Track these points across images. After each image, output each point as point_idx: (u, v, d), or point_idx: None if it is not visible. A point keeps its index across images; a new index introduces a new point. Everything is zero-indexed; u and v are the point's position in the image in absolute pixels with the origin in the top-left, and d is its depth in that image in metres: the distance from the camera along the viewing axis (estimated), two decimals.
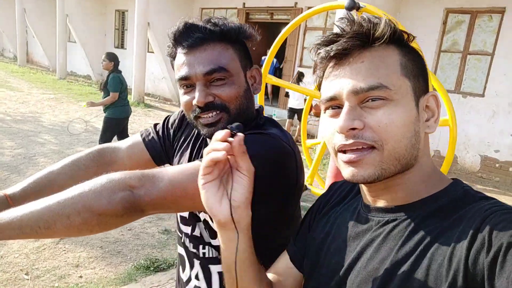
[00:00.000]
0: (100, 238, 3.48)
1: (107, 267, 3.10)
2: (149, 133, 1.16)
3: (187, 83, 0.92)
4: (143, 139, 1.15)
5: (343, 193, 0.77)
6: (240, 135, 0.61)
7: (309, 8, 2.36)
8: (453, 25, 7.27)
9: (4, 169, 4.89)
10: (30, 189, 0.96)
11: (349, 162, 0.60)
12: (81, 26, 14.57)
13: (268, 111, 9.46)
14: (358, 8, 1.89)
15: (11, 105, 9.09)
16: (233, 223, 0.64)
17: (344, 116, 0.58)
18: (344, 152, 0.60)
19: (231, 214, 0.63)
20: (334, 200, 0.78)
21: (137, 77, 10.93)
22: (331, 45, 0.61)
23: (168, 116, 1.19)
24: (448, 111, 2.10)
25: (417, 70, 0.61)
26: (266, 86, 7.58)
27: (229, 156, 0.62)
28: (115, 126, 5.25)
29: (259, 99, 2.35)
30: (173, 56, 0.96)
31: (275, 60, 9.63)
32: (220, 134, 0.62)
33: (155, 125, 1.19)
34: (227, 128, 0.62)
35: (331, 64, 0.63)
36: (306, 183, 2.31)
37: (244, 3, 10.33)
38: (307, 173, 2.63)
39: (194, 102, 0.90)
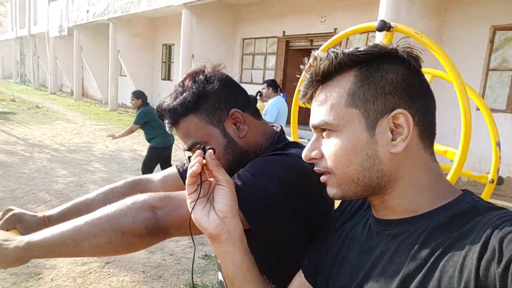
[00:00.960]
0: (142, 263, 3.57)
1: None
2: (184, 164, 1.22)
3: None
4: (178, 169, 1.20)
5: (354, 207, 0.78)
6: (210, 150, 0.70)
7: None
8: (501, 43, 6.98)
9: (57, 196, 5.19)
10: (67, 212, 1.03)
11: (324, 182, 0.68)
12: (131, 61, 15.50)
13: (308, 135, 9.42)
14: (389, 28, 1.88)
15: (66, 136, 9.71)
16: (224, 234, 0.69)
17: (306, 147, 0.68)
18: None
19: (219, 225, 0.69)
20: (346, 214, 0.79)
21: None
22: (301, 87, 0.69)
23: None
24: (489, 128, 2.01)
25: (374, 92, 0.61)
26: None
27: (210, 179, 0.71)
28: (159, 155, 5.49)
29: (292, 125, 2.36)
30: None
31: None
32: (195, 154, 0.71)
33: (189, 157, 1.25)
34: (199, 149, 0.72)
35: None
36: None
37: (284, 32, 10.54)
38: None
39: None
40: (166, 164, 5.53)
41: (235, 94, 0.99)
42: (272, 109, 5.17)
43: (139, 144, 9.07)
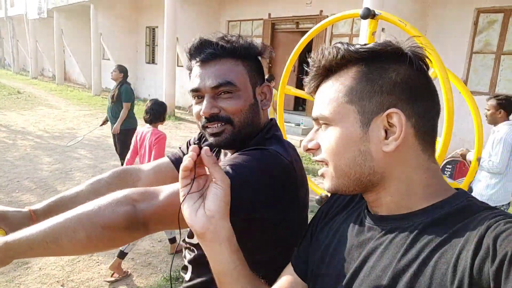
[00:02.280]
0: (132, 250, 3.58)
1: (138, 278, 3.18)
2: (175, 153, 1.23)
3: (197, 94, 0.98)
4: (169, 158, 1.21)
5: (344, 201, 0.79)
6: (206, 147, 0.68)
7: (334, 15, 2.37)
8: (485, 25, 7.04)
9: (42, 184, 5.13)
10: (53, 205, 1.01)
11: (321, 175, 0.70)
12: (114, 44, 15.17)
13: (295, 119, 9.44)
14: (373, 16, 1.87)
15: (50, 122, 9.53)
16: (209, 233, 0.67)
17: (306, 137, 0.71)
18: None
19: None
20: (335, 208, 0.80)
21: (168, 91, 11.21)
22: (306, 79, 0.71)
23: (192, 136, 1.26)
24: (472, 111, 2.06)
25: (370, 90, 0.62)
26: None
27: (208, 172, 0.69)
28: (131, 137, 5.24)
29: (278, 111, 2.36)
30: (190, 69, 1.03)
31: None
32: (190, 149, 0.68)
33: (180, 147, 1.26)
34: (196, 145, 0.70)
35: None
36: (327, 193, 2.29)
37: (269, 14, 10.43)
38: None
39: (201, 112, 0.96)
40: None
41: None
42: None
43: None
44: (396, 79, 0.62)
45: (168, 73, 11.20)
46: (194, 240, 1.09)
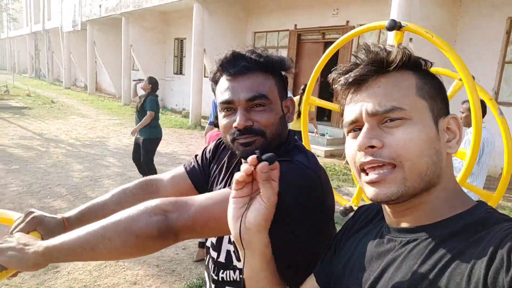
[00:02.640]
0: (156, 257, 3.64)
1: (162, 285, 3.22)
2: (191, 163, 1.25)
3: (229, 106, 0.98)
4: (185, 168, 1.23)
5: (369, 216, 0.79)
6: (263, 163, 0.65)
7: (360, 25, 2.37)
8: None
9: (73, 191, 5.29)
10: (84, 213, 1.07)
11: (371, 183, 0.62)
12: (143, 55, 15.59)
13: (321, 129, 9.40)
14: (399, 27, 1.87)
15: (81, 131, 9.86)
16: (244, 242, 0.69)
17: (362, 135, 0.62)
18: (366, 173, 0.63)
19: (240, 234, 0.69)
20: (360, 222, 0.80)
21: (194, 101, 11.41)
22: (349, 73, 0.66)
23: (207, 146, 1.28)
24: (497, 119, 2.00)
25: (434, 92, 0.64)
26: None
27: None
28: (156, 146, 5.46)
29: (303, 121, 2.37)
30: (215, 81, 1.04)
31: None
32: (249, 159, 0.67)
33: (196, 155, 1.28)
34: (256, 156, 0.66)
35: (351, 91, 0.67)
36: (352, 204, 2.27)
37: (295, 25, 10.48)
38: (353, 194, 2.59)
39: (235, 124, 0.96)
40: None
41: None
42: None
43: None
44: (442, 89, 0.66)
45: (195, 83, 11.41)
46: (213, 253, 1.11)
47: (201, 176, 1.21)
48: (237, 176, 0.67)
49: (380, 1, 7.87)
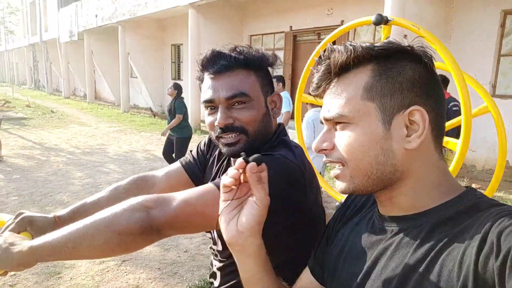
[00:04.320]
0: (158, 260, 3.65)
1: (164, 287, 3.24)
2: (187, 157, 1.26)
3: (211, 105, 1.00)
4: (181, 163, 1.25)
5: (359, 204, 0.79)
6: (251, 163, 0.65)
7: None
8: None
9: (74, 198, 5.31)
10: (76, 211, 1.08)
11: (335, 176, 0.68)
12: (141, 62, 15.64)
13: None
14: (386, 22, 1.89)
15: (81, 139, 9.89)
16: (237, 246, 0.69)
17: (317, 139, 0.68)
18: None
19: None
20: (350, 211, 0.80)
21: (193, 106, 11.42)
22: (315, 79, 0.69)
23: (201, 140, 1.29)
24: (484, 98, 2.01)
25: (391, 87, 0.62)
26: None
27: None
28: (187, 144, 6.04)
29: (296, 118, 2.39)
30: (201, 80, 1.05)
31: None
32: (237, 163, 0.66)
33: (191, 151, 1.30)
34: (243, 158, 0.66)
35: (321, 92, 0.71)
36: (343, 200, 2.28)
37: (291, 26, 10.52)
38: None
39: (216, 123, 0.98)
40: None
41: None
42: (285, 101, 5.55)
43: (152, 145, 9.19)
44: (414, 76, 0.62)
45: (193, 88, 11.44)
46: (218, 247, 1.12)
47: (198, 169, 1.22)
48: (225, 181, 0.67)
49: (373, 0, 7.91)
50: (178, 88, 6.11)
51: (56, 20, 21.93)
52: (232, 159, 1.13)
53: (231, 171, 0.67)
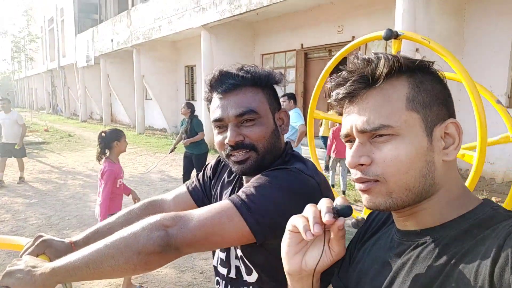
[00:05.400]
0: (174, 282, 3.62)
1: None
2: (193, 182, 1.27)
3: (220, 124, 1.01)
4: (187, 188, 1.26)
5: (380, 221, 0.79)
6: (341, 220, 0.62)
7: None
8: None
9: (91, 221, 5.34)
10: (90, 236, 1.09)
11: (362, 191, 0.65)
12: (155, 84, 15.95)
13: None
14: (396, 36, 1.88)
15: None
16: (293, 278, 0.70)
17: (351, 153, 0.64)
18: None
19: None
20: (372, 228, 0.80)
21: (207, 126, 11.51)
22: (340, 88, 0.65)
23: (207, 164, 1.29)
24: (507, 124, 1.96)
25: (429, 99, 0.62)
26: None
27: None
28: (206, 159, 6.24)
29: (309, 135, 2.38)
30: (209, 100, 1.06)
31: None
32: (325, 215, 0.62)
33: (197, 174, 1.30)
34: (333, 209, 0.63)
35: (346, 102, 0.67)
36: (364, 216, 2.24)
37: (302, 44, 10.60)
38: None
39: (226, 141, 0.99)
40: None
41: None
42: (297, 116, 5.58)
43: (167, 165, 9.25)
44: (441, 90, 0.64)
45: (207, 108, 11.55)
46: (231, 274, 1.11)
47: (203, 194, 1.23)
48: (302, 229, 0.63)
49: (384, 15, 7.93)
50: (191, 107, 6.26)
51: (74, 45, 22.63)
52: (244, 177, 1.12)
53: (317, 226, 0.62)
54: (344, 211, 0.62)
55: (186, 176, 6.38)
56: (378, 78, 0.62)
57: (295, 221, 0.66)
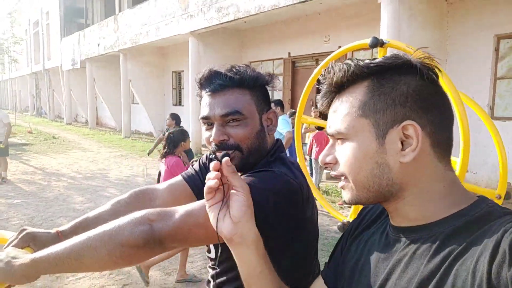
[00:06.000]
0: (159, 284, 3.62)
1: None
2: (189, 171, 1.28)
3: (207, 121, 1.04)
4: (183, 176, 1.26)
5: (373, 215, 0.80)
6: (225, 158, 0.73)
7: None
8: (506, 51, 7.01)
9: None
10: (78, 225, 1.09)
11: (341, 187, 0.72)
12: (142, 89, 15.87)
13: None
14: (382, 44, 1.97)
15: (82, 164, 9.92)
16: (237, 237, 0.73)
17: (322, 153, 0.73)
18: None
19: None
20: (365, 223, 0.81)
21: (194, 131, 11.52)
22: (318, 97, 0.74)
23: (203, 155, 1.33)
24: (489, 129, 2.06)
25: (383, 103, 0.64)
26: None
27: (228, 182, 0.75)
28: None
29: (296, 140, 2.45)
30: (200, 96, 1.10)
31: None
32: (212, 165, 0.74)
33: (193, 164, 1.32)
34: (216, 159, 0.75)
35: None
36: (349, 219, 2.31)
37: (289, 53, 10.74)
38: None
39: (211, 139, 1.02)
40: None
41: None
42: (284, 123, 5.69)
43: (153, 169, 9.22)
44: (408, 90, 0.63)
45: (194, 114, 11.57)
46: (212, 255, 1.14)
47: (200, 181, 1.23)
48: (209, 183, 0.73)
49: (369, 26, 8.12)
50: (176, 118, 6.27)
51: (59, 48, 22.37)
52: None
53: (211, 174, 0.74)
54: (223, 155, 0.74)
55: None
56: (337, 86, 0.68)
57: (204, 190, 0.75)
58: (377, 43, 1.95)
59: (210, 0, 10.32)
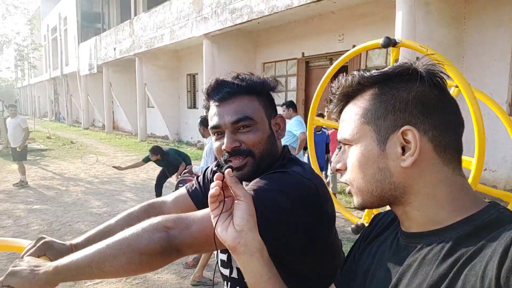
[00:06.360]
0: None
1: None
2: (193, 185, 1.29)
3: (217, 131, 1.04)
4: (187, 190, 1.28)
5: (385, 222, 0.80)
6: (228, 169, 0.75)
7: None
8: None
9: (92, 227, 5.36)
10: (91, 239, 1.10)
11: (348, 192, 0.75)
12: (157, 92, 16.03)
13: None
14: (394, 44, 1.92)
15: (99, 169, 10.06)
16: (241, 246, 0.73)
17: (334, 159, 0.76)
18: None
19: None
20: (377, 229, 0.81)
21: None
22: (330, 106, 0.78)
23: (208, 167, 1.32)
24: (498, 114, 1.99)
25: (385, 110, 0.66)
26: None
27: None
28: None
29: (309, 142, 2.41)
30: (207, 108, 1.09)
31: None
32: (215, 177, 0.76)
33: (198, 177, 1.33)
34: (219, 171, 0.76)
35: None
36: (363, 221, 2.27)
37: (303, 53, 10.68)
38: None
39: (223, 147, 1.02)
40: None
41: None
42: (298, 123, 5.60)
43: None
44: (408, 97, 0.64)
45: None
46: (224, 271, 1.13)
47: (202, 196, 1.24)
48: (211, 192, 0.75)
49: (384, 24, 8.01)
50: (159, 152, 6.14)
51: (76, 54, 22.80)
52: (243, 182, 1.15)
53: (213, 184, 0.75)
54: (227, 167, 0.76)
55: (158, 188, 6.37)
56: (345, 96, 0.72)
57: (209, 201, 0.77)
58: (390, 42, 1.91)
59: (223, 2, 10.35)
